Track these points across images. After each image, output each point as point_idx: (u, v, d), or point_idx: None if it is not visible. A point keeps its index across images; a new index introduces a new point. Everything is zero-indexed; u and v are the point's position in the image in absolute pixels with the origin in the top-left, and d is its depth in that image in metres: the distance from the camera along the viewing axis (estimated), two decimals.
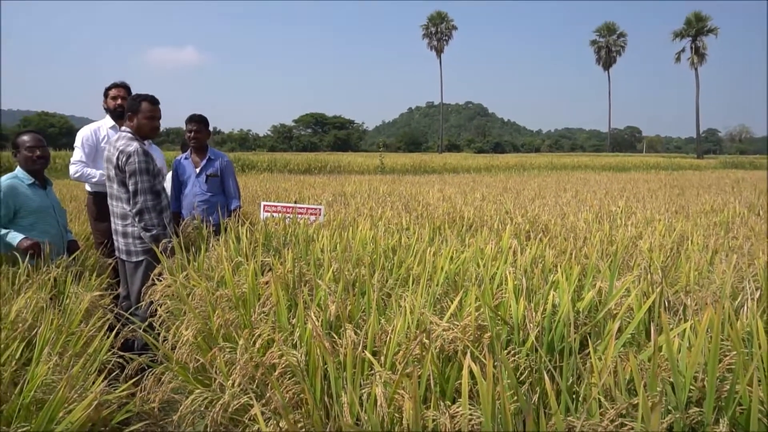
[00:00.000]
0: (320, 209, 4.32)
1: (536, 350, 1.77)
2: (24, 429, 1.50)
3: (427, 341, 1.56)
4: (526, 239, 3.80)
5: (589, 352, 1.76)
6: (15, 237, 3.13)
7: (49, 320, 2.18)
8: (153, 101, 3.43)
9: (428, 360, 1.42)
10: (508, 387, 1.35)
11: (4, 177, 3.32)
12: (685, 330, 1.52)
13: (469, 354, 1.36)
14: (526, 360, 1.75)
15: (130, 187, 3.28)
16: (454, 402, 1.54)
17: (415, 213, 5.00)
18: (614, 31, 67.18)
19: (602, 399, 1.30)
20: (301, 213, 4.17)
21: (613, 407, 1.22)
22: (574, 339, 1.54)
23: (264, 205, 4.42)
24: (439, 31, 65.27)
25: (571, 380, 1.49)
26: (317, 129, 77.07)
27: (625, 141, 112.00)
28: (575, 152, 70.03)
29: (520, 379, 1.56)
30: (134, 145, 3.28)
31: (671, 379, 1.30)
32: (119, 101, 4.13)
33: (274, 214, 4.18)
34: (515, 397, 1.35)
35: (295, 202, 4.74)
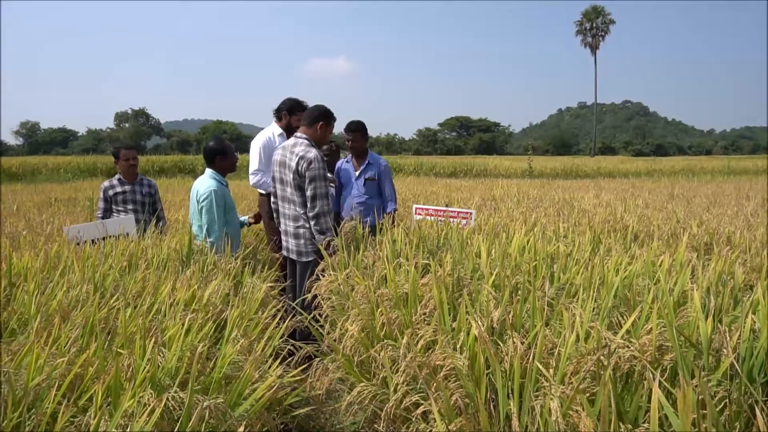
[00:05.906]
0: (471, 213, 4.29)
1: (731, 378, 1.57)
2: (220, 400, 1.69)
3: (603, 358, 1.46)
4: (705, 252, 3.40)
5: None
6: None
7: (236, 306, 2.44)
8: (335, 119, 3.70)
9: (606, 378, 1.32)
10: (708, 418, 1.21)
11: (207, 183, 3.73)
12: None
13: (657, 377, 1.24)
14: (717, 388, 1.56)
15: (308, 192, 3.42)
16: (632, 425, 1.42)
17: (572, 219, 4.73)
18: None
19: None
20: (452, 217, 4.17)
21: None
22: None
23: (416, 208, 4.50)
24: (594, 26, 61.12)
25: None
26: (462, 132, 76.84)
27: None
28: (758, 154, 60.53)
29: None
30: (314, 152, 3.42)
31: None
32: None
33: (427, 217, 4.25)
34: (713, 430, 1.20)
35: (446, 206, 4.77)
